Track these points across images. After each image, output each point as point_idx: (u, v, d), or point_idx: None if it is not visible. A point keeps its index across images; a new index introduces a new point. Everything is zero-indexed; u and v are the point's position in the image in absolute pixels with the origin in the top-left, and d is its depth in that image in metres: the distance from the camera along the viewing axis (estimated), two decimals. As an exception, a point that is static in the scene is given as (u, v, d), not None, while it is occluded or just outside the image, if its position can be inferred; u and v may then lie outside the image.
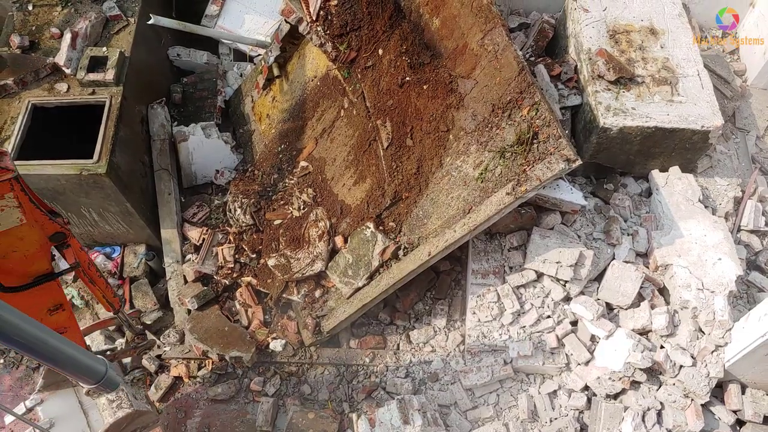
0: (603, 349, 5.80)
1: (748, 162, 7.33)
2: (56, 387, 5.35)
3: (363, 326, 6.60)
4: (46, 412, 5.34)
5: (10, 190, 3.25)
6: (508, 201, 5.23)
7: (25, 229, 3.45)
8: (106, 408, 4.95)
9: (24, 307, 3.63)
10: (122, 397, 4.97)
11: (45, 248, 3.72)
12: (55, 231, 3.75)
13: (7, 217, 3.33)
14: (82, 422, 5.32)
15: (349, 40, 6.44)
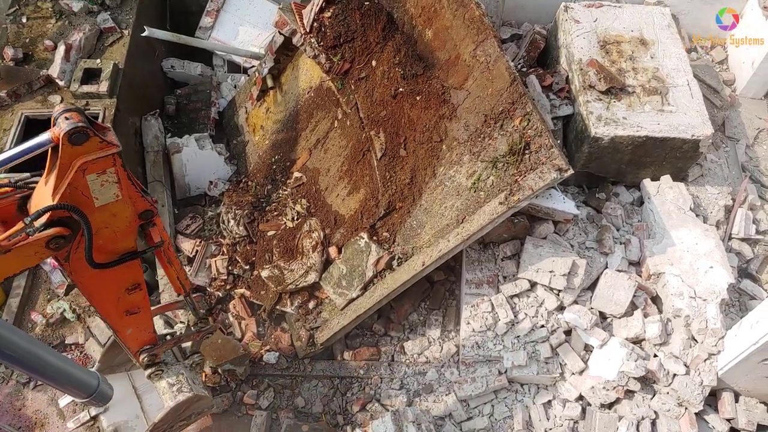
0: (597, 359, 5.81)
1: (739, 170, 7.39)
2: (111, 371, 5.47)
3: (357, 338, 6.58)
4: None
5: (112, 165, 3.19)
6: (501, 210, 5.26)
7: (119, 206, 3.41)
8: (166, 391, 4.90)
9: (106, 285, 3.86)
10: (182, 381, 4.95)
11: (134, 225, 3.67)
12: (145, 209, 3.67)
13: (105, 192, 3.28)
14: (137, 406, 5.45)
15: (343, 52, 6.47)
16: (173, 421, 5.12)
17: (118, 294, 3.97)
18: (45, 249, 3.20)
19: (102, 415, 5.42)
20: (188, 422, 5.52)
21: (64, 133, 2.89)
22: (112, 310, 4.10)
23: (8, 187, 3.30)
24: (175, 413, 4.93)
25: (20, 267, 3.24)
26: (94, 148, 3.04)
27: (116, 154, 3.15)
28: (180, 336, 5.12)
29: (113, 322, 4.24)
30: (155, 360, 4.83)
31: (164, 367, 4.93)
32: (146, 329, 4.56)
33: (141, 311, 4.25)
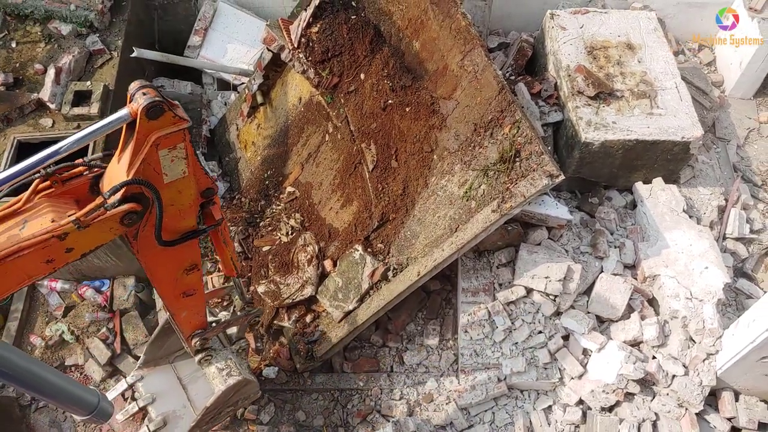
0: (595, 362, 5.81)
1: (730, 171, 7.43)
2: (155, 364, 5.65)
3: (355, 350, 6.58)
4: (146, 387, 5.61)
5: (182, 140, 3.23)
6: (494, 218, 5.27)
7: (185, 182, 3.45)
8: (216, 376, 5.05)
9: (167, 264, 3.94)
10: (231, 365, 5.09)
11: (196, 203, 3.73)
12: (207, 186, 3.74)
13: (174, 169, 3.32)
14: (183, 397, 5.60)
15: (331, 66, 6.51)
16: (222, 406, 5.26)
17: (177, 274, 4.04)
18: (119, 225, 3.27)
19: (150, 406, 5.58)
20: (235, 408, 5.73)
21: (142, 107, 2.95)
22: (170, 291, 4.19)
23: (82, 167, 3.37)
24: (225, 397, 5.06)
25: (96, 243, 3.28)
26: (168, 123, 3.09)
27: (186, 130, 3.20)
28: (229, 319, 5.25)
29: (170, 304, 4.35)
30: (206, 344, 4.99)
31: (213, 353, 5.10)
32: (199, 312, 4.68)
33: (196, 293, 4.34)
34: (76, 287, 7.13)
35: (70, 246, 3.15)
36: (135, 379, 5.65)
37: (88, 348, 6.80)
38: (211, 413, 5.20)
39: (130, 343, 6.83)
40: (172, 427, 5.54)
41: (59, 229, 3.05)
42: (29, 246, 3.00)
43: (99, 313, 6.97)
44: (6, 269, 3.02)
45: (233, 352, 5.31)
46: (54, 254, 3.12)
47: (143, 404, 5.57)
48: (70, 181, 3.32)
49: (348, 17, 6.35)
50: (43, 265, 3.14)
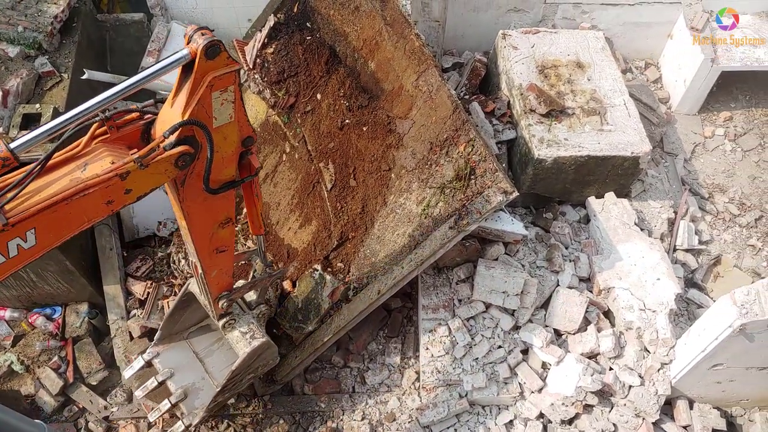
0: (554, 376, 5.89)
1: (679, 184, 7.66)
2: (170, 340, 5.81)
3: (317, 371, 6.52)
4: (164, 363, 5.76)
5: (233, 83, 3.32)
6: (452, 235, 5.33)
7: (230, 128, 3.54)
8: (240, 340, 5.16)
9: (207, 216, 4.06)
10: (254, 329, 5.23)
11: (237, 152, 3.79)
12: (248, 134, 3.79)
13: (222, 113, 3.41)
14: (200, 369, 5.76)
15: (287, 86, 6.53)
16: (244, 371, 5.41)
17: (213, 228, 4.17)
18: (173, 167, 3.37)
19: (169, 381, 5.70)
20: (255, 374, 5.82)
21: (201, 47, 3.04)
22: (206, 246, 4.29)
23: (135, 113, 3.47)
24: (249, 360, 5.22)
25: (152, 184, 3.39)
26: (222, 63, 3.19)
27: (237, 72, 3.29)
28: (253, 281, 5.38)
29: (204, 261, 4.43)
30: (230, 307, 5.15)
31: (236, 317, 5.24)
32: (228, 272, 4.81)
33: (228, 250, 4.48)
34: (26, 315, 6.92)
35: (129, 187, 3.27)
36: (151, 356, 5.73)
37: (39, 378, 6.59)
38: (234, 379, 5.32)
39: (84, 371, 6.64)
40: (192, 399, 5.66)
41: (123, 167, 3.17)
42: (94, 184, 3.10)
43: (50, 342, 6.77)
44: (69, 210, 3.10)
45: (254, 316, 5.42)
46: (114, 194, 3.24)
47: (162, 379, 5.68)
48: (124, 127, 3.42)
49: (303, 38, 6.38)
50: (104, 207, 3.25)
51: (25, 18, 7.22)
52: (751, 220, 7.53)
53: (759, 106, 8.61)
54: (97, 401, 6.53)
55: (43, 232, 3.08)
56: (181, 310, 5.56)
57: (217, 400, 5.52)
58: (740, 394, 5.99)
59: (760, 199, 7.75)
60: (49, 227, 3.09)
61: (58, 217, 3.08)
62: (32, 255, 3.15)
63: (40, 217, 2.99)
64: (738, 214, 7.61)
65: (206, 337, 5.80)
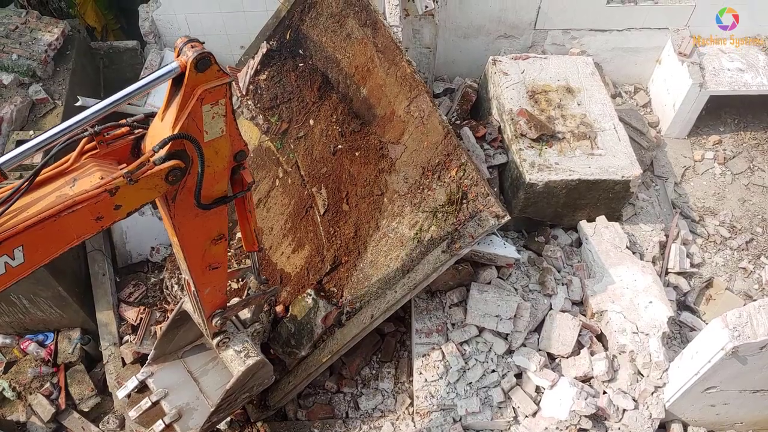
0: (548, 400, 5.87)
1: (669, 207, 7.73)
2: (164, 360, 5.72)
3: (310, 396, 6.48)
4: (158, 383, 5.65)
5: (224, 96, 3.26)
6: (444, 259, 5.34)
7: (222, 142, 3.48)
8: (234, 359, 5.08)
9: (199, 232, 3.97)
10: (248, 347, 5.16)
11: (228, 167, 3.72)
12: (240, 148, 3.72)
13: (213, 126, 3.35)
14: (195, 389, 5.65)
15: (280, 112, 6.58)
16: (239, 390, 5.32)
17: (205, 244, 4.10)
18: (164, 182, 3.31)
19: (163, 401, 5.60)
20: (251, 394, 5.74)
21: (191, 59, 2.99)
22: (198, 262, 4.21)
23: (125, 127, 3.40)
24: (244, 379, 5.14)
25: (142, 200, 3.32)
26: (213, 76, 3.13)
27: (228, 85, 3.24)
28: (248, 298, 5.26)
29: (197, 278, 4.35)
30: (224, 325, 5.04)
31: (230, 336, 5.15)
32: (221, 289, 4.73)
33: (220, 267, 4.39)
34: (18, 341, 6.88)
35: (119, 202, 3.20)
36: (145, 376, 5.66)
37: (31, 405, 6.54)
38: (228, 399, 5.25)
39: (76, 397, 6.60)
40: (187, 419, 5.58)
41: (111, 183, 3.10)
42: (83, 200, 3.04)
43: (42, 368, 6.72)
44: (57, 227, 3.03)
45: (249, 334, 5.37)
46: (104, 210, 3.17)
47: (156, 399, 5.59)
48: (114, 142, 3.36)
49: (296, 65, 6.45)
50: (93, 223, 3.17)
51: (19, 46, 7.30)
52: (741, 242, 7.58)
53: (747, 129, 8.72)
54: (89, 428, 6.48)
55: (32, 250, 3.04)
56: (175, 329, 5.53)
57: (212, 420, 5.47)
58: (734, 417, 5.98)
59: (750, 222, 7.81)
60: (38, 244, 3.04)
61: (47, 234, 3.02)
62: (20, 273, 3.09)
63: (27, 234, 2.94)
64: (729, 236, 7.66)
65: (201, 356, 5.75)
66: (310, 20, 6.58)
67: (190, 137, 3.24)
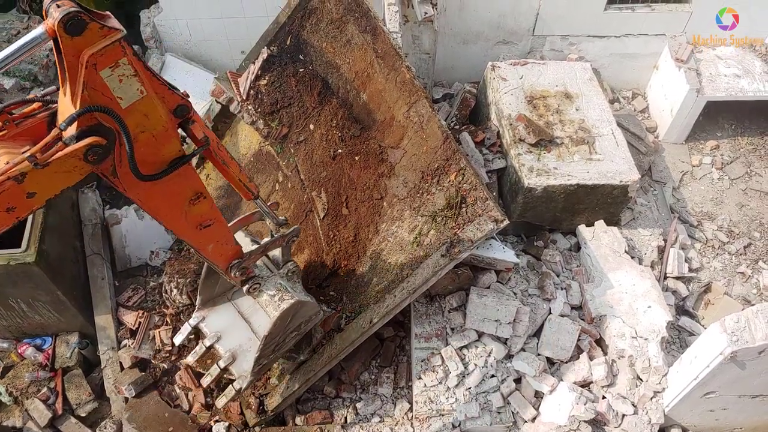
0: (548, 405, 5.86)
1: (668, 212, 7.75)
2: (213, 304, 5.57)
3: (308, 401, 6.47)
4: (210, 327, 5.52)
5: (122, 54, 2.77)
6: (444, 263, 5.35)
7: (147, 103, 3.04)
8: (269, 303, 4.92)
9: (166, 199, 3.60)
10: (282, 290, 4.96)
11: (171, 126, 3.30)
12: (177, 104, 3.29)
13: (127, 90, 2.90)
14: (247, 329, 5.47)
15: (281, 117, 6.60)
16: (283, 333, 5.22)
17: (182, 207, 3.71)
18: (84, 162, 2.93)
19: (216, 344, 5.48)
20: (299, 332, 5.56)
21: (57, 21, 2.52)
22: (183, 226, 3.86)
23: (36, 103, 3.07)
24: (283, 323, 5.01)
25: (61, 185, 2.97)
26: (96, 37, 2.65)
27: (123, 41, 2.76)
28: (265, 244, 4.91)
29: (190, 240, 4.03)
30: (248, 274, 4.77)
31: (261, 281, 4.95)
32: (226, 242, 4.36)
33: (214, 223, 4.02)
34: (16, 346, 6.86)
35: (31, 190, 2.85)
36: (197, 321, 5.54)
37: (27, 409, 6.51)
38: (273, 341, 5.14)
39: (73, 402, 6.57)
40: (241, 361, 5.45)
41: (15, 169, 2.72)
42: None
43: (40, 373, 6.70)
44: None
45: (283, 276, 5.13)
46: (14, 200, 2.82)
47: (210, 343, 5.48)
48: (24, 121, 3.01)
49: (296, 70, 6.48)
50: (5, 215, 2.85)
51: (20, 50, 7.30)
52: (740, 247, 7.61)
53: (744, 134, 8.76)
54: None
55: None
56: (215, 275, 5.29)
57: (262, 363, 5.34)
58: (733, 422, 5.98)
59: (748, 227, 7.84)
60: None
61: None
62: None
63: None
64: (727, 241, 7.69)
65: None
66: (311, 26, 6.61)
67: (100, 108, 2.81)
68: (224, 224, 4.22)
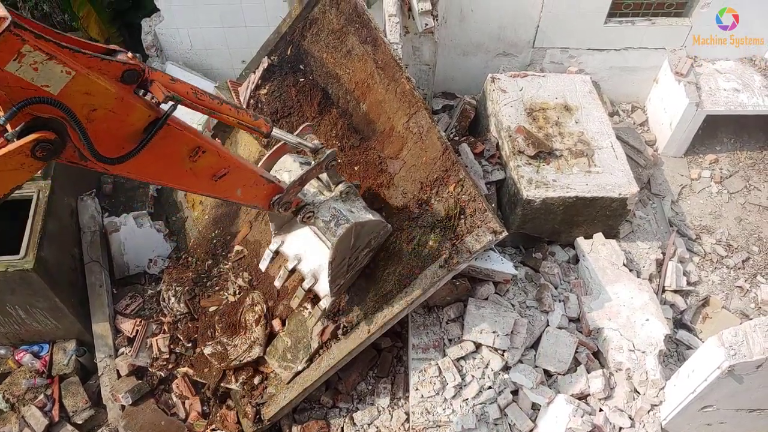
0: (545, 417, 5.85)
1: (666, 225, 7.75)
2: (289, 227, 5.40)
3: (305, 411, 6.46)
4: (289, 250, 5.40)
5: (21, 42, 2.46)
6: (442, 274, 5.35)
7: (82, 82, 2.74)
8: (326, 230, 4.77)
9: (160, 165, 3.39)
10: (337, 214, 4.75)
11: (126, 94, 3.01)
12: (121, 70, 2.96)
13: (50, 75, 2.62)
14: (325, 250, 5.14)
15: (280, 127, 6.60)
16: (352, 253, 5.09)
17: (184, 166, 3.44)
18: (33, 159, 2.72)
19: (299, 266, 5.38)
20: (371, 248, 5.46)
21: None
22: (194, 182, 3.64)
23: None
24: (345, 247, 4.84)
25: (11, 183, 2.81)
26: None
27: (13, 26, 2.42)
28: (303, 175, 4.58)
29: (211, 193, 3.83)
30: (296, 205, 4.57)
31: (314, 208, 4.76)
32: (255, 183, 4.08)
33: (230, 170, 3.72)
34: (13, 352, 6.85)
35: None
36: (277, 245, 5.42)
37: (24, 416, 6.49)
38: (342, 264, 5.03)
39: (70, 410, 6.56)
40: (323, 282, 5.34)
41: None
42: None
43: (37, 380, 6.69)
44: None
45: (337, 198, 4.89)
46: None
47: (292, 266, 5.38)
48: None
49: (296, 80, 6.50)
50: None
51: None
52: (738, 261, 7.61)
53: (744, 149, 8.78)
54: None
55: None
56: None
57: (338, 283, 5.30)
58: (731, 436, 5.97)
59: (746, 241, 7.84)
60: None
61: None
62: None
63: None
64: (725, 255, 7.69)
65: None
66: (312, 36, 6.64)
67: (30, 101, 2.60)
68: (243, 167, 3.94)
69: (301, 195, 4.77)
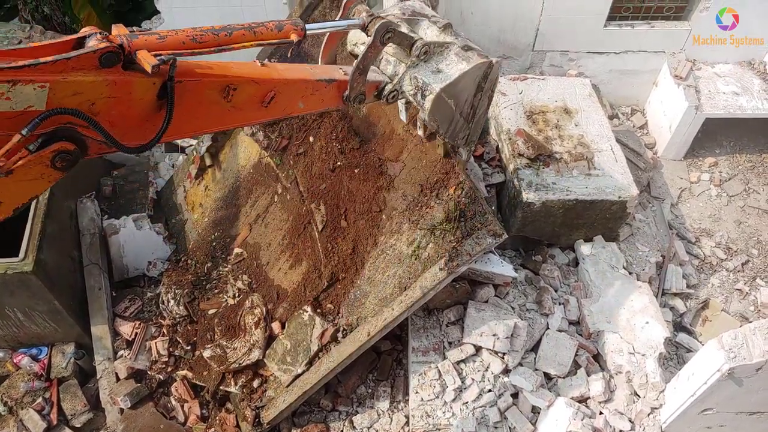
0: (545, 420, 5.84)
1: (666, 228, 7.75)
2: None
3: (304, 414, 6.44)
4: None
5: None
6: (442, 276, 5.35)
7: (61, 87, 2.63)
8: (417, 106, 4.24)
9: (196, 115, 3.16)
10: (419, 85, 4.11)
11: (116, 76, 2.80)
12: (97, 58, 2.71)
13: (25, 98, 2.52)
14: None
15: (280, 129, 6.61)
16: (459, 110, 4.45)
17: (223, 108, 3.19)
18: (52, 169, 2.69)
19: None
20: (483, 92, 4.61)
21: None
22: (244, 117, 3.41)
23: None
24: (444, 111, 4.27)
25: (30, 193, 2.78)
26: None
27: None
28: (358, 63, 3.91)
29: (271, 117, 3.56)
30: (372, 92, 4.10)
31: (396, 85, 4.22)
32: (315, 89, 3.72)
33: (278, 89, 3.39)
34: (11, 355, 6.83)
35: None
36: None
37: (22, 420, 6.47)
38: (453, 123, 4.50)
39: (68, 413, 6.54)
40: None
41: None
42: None
43: (35, 383, 6.67)
44: None
45: (415, 64, 4.15)
46: None
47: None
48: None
49: (296, 82, 6.48)
50: None
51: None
52: (737, 264, 7.61)
53: (743, 152, 8.79)
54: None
55: None
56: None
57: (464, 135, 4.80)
58: (731, 439, 5.96)
59: (746, 244, 7.85)
60: None
61: None
62: None
63: None
64: (725, 258, 7.69)
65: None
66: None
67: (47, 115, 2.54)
68: (291, 82, 3.57)
69: (377, 75, 4.19)
